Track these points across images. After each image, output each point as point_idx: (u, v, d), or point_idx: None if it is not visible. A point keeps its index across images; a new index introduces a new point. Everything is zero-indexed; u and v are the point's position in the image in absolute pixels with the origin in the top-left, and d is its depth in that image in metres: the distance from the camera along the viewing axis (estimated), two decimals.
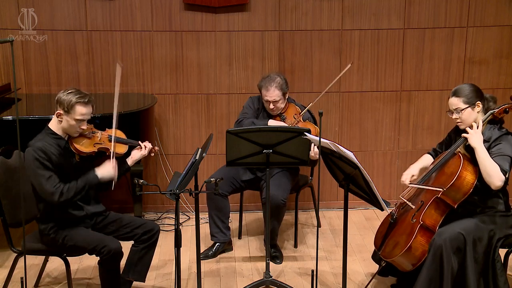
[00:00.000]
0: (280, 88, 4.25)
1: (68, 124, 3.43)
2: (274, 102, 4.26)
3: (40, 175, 3.32)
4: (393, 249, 3.47)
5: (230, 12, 4.98)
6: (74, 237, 3.45)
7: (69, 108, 3.39)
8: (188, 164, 3.36)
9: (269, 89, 4.25)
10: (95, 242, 3.42)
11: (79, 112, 3.40)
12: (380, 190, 4.93)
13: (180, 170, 3.66)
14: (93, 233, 3.50)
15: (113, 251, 3.39)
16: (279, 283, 3.87)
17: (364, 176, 3.17)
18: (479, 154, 3.34)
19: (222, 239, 4.42)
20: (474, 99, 3.46)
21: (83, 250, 3.48)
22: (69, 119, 3.41)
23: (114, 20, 4.94)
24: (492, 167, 3.29)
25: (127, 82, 5.04)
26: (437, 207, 3.43)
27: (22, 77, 4.97)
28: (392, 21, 5.07)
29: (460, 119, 3.48)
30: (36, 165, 3.32)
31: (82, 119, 3.43)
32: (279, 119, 4.34)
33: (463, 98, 3.46)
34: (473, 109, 3.45)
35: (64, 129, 3.46)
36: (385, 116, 5.25)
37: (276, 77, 4.28)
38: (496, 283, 3.36)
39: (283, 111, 4.35)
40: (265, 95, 4.27)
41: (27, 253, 3.37)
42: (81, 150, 3.50)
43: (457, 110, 3.48)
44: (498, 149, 3.36)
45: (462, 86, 3.53)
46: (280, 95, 4.26)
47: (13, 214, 3.51)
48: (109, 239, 3.45)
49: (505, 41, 5.16)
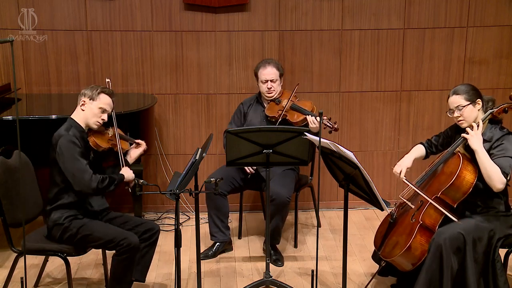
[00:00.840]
0: (277, 68, 4.39)
1: (92, 112, 3.53)
2: (272, 81, 4.35)
3: (80, 162, 3.39)
4: (393, 249, 3.47)
5: (230, 12, 4.98)
6: (92, 227, 3.48)
7: (94, 96, 3.52)
8: (188, 164, 3.36)
9: (267, 67, 4.37)
10: (114, 234, 3.46)
11: (103, 100, 3.54)
12: (380, 190, 4.92)
13: (180, 170, 3.66)
14: (111, 226, 3.56)
15: (133, 245, 3.43)
16: (279, 283, 3.87)
17: (364, 176, 3.17)
18: (480, 156, 3.34)
19: (222, 238, 4.42)
20: (475, 97, 3.47)
21: (97, 240, 3.48)
22: (93, 106, 3.52)
23: (114, 20, 4.94)
24: (493, 169, 3.29)
25: (127, 82, 5.05)
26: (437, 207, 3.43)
27: (22, 77, 4.97)
28: (392, 21, 5.07)
29: (462, 116, 3.47)
30: (77, 152, 3.41)
31: (105, 108, 3.55)
32: (273, 104, 4.37)
33: (464, 95, 3.47)
34: (474, 106, 3.46)
35: (86, 119, 3.55)
36: (385, 116, 5.25)
37: (272, 59, 4.51)
38: (496, 283, 3.36)
39: (279, 96, 4.40)
40: (263, 73, 4.37)
41: (27, 253, 3.37)
42: (100, 145, 3.59)
43: (458, 108, 3.47)
44: (500, 149, 3.36)
45: (460, 85, 3.55)
46: (277, 74, 4.37)
47: (13, 214, 3.51)
48: (129, 234, 3.48)
49: (505, 41, 5.16)
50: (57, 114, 4.18)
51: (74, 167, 3.40)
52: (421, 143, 3.83)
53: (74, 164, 3.40)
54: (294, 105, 4.30)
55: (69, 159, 3.40)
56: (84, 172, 3.39)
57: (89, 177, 3.39)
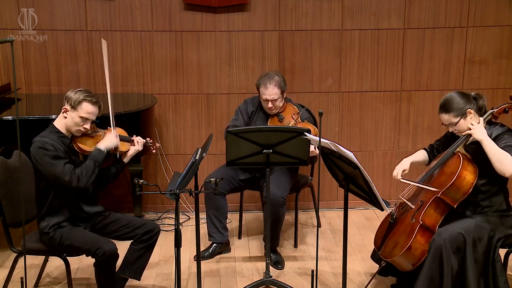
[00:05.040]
0: (279, 87, 4.22)
1: (73, 121, 3.43)
2: (273, 100, 4.23)
3: (54, 165, 3.33)
4: (393, 249, 3.48)
5: (230, 12, 4.98)
6: (70, 237, 3.44)
7: (76, 104, 3.40)
8: (188, 164, 3.36)
9: (268, 87, 4.21)
10: (89, 244, 3.40)
11: (85, 109, 3.41)
12: (380, 190, 4.91)
13: (180, 170, 3.66)
14: (89, 234, 3.48)
15: (108, 253, 3.37)
16: (279, 283, 3.87)
17: (364, 176, 3.17)
18: (486, 144, 3.30)
19: (220, 239, 4.40)
20: (464, 109, 3.40)
21: (79, 250, 3.47)
22: (74, 115, 3.42)
23: (114, 20, 4.94)
24: (503, 154, 3.25)
25: (127, 82, 5.05)
26: (437, 207, 3.43)
27: (22, 77, 4.97)
28: (392, 21, 5.07)
29: (457, 130, 3.47)
30: (47, 156, 3.33)
31: (87, 117, 3.43)
32: (276, 119, 4.31)
33: (453, 113, 3.41)
34: (466, 119, 3.41)
35: (67, 127, 3.46)
36: (385, 116, 5.25)
37: (274, 76, 4.25)
38: (496, 283, 3.36)
39: (281, 111, 4.32)
40: (264, 93, 4.24)
41: (27, 253, 3.37)
42: (85, 149, 3.51)
43: (451, 125, 3.47)
44: (503, 142, 3.33)
45: (447, 99, 3.44)
46: (279, 93, 4.23)
47: (13, 214, 3.51)
48: (104, 241, 3.42)
49: (505, 41, 5.15)
50: (57, 114, 4.14)
51: (51, 173, 3.35)
52: (424, 149, 3.83)
53: (50, 169, 3.34)
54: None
55: (45, 165, 3.35)
56: (63, 175, 3.33)
57: (69, 178, 3.34)
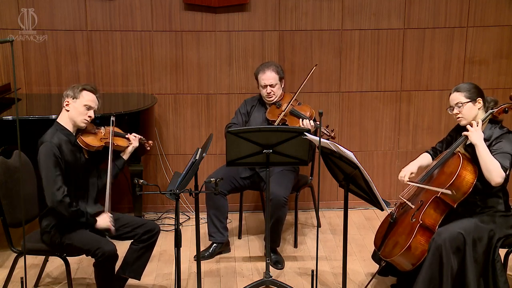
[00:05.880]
0: (276, 72, 4.36)
1: (77, 111, 3.47)
2: (271, 85, 4.33)
3: (51, 171, 3.34)
4: (393, 249, 3.48)
5: (230, 12, 4.98)
6: (71, 237, 3.45)
7: (76, 94, 3.47)
8: (188, 164, 3.36)
9: (266, 72, 4.34)
10: (89, 244, 3.40)
11: (86, 97, 3.48)
12: (380, 190, 4.92)
13: (180, 170, 3.66)
14: (90, 234, 3.48)
15: (107, 254, 3.37)
16: (279, 283, 3.87)
17: (364, 176, 3.17)
18: (479, 150, 3.34)
19: (220, 239, 4.41)
20: (476, 95, 3.48)
21: (80, 250, 3.47)
22: (77, 105, 3.47)
23: (114, 20, 4.94)
24: (492, 163, 3.30)
25: (127, 82, 5.05)
26: (437, 207, 3.43)
27: (22, 77, 4.97)
28: (392, 21, 5.07)
29: (461, 113, 3.49)
30: (53, 160, 3.35)
31: (89, 105, 3.49)
32: (274, 107, 4.36)
33: (465, 93, 3.49)
34: (474, 104, 3.47)
35: (72, 119, 3.50)
36: (385, 116, 5.25)
37: (272, 62, 4.47)
38: (496, 283, 3.37)
39: (279, 99, 4.38)
40: (262, 78, 4.35)
41: (27, 253, 3.37)
42: (91, 144, 3.56)
43: (458, 105, 3.49)
44: (498, 147, 3.37)
45: (464, 83, 3.57)
46: (276, 78, 4.34)
47: (13, 214, 3.51)
48: (104, 242, 3.42)
49: (505, 41, 5.16)
50: (57, 114, 4.15)
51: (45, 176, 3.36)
52: (427, 152, 3.84)
53: (46, 173, 3.35)
54: (293, 110, 4.29)
55: (44, 167, 3.35)
56: (54, 182, 3.33)
57: (56, 188, 3.32)
